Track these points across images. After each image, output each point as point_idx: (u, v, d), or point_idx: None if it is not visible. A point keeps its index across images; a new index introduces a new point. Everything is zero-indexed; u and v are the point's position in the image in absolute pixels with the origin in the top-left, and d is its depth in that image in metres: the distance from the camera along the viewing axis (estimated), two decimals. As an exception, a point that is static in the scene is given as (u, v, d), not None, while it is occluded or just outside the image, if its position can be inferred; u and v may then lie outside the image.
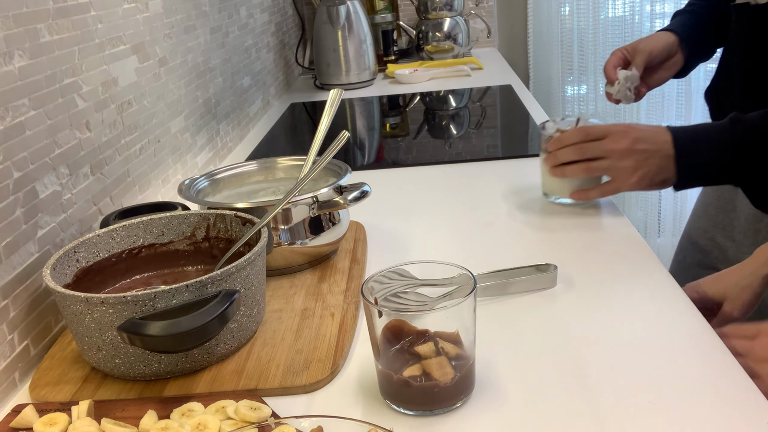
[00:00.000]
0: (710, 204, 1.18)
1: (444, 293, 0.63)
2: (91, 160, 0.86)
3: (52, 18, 0.79)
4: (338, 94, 0.90)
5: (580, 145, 0.92)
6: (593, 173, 0.93)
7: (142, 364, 0.63)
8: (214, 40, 1.38)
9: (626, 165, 0.89)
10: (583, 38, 2.41)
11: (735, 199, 1.12)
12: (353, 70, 1.98)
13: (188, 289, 0.61)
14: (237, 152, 1.46)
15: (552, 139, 0.95)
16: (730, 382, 0.60)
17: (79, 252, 0.72)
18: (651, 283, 0.78)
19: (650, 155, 0.89)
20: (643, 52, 1.12)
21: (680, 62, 1.17)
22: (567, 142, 0.93)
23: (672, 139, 0.89)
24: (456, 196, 1.08)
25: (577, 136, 0.93)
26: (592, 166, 0.92)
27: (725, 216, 1.14)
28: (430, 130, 1.55)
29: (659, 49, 1.13)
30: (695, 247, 1.19)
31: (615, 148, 0.90)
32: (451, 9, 2.21)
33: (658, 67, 1.16)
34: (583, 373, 0.62)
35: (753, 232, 1.05)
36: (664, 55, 1.14)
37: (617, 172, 0.90)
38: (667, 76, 1.18)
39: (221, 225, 0.79)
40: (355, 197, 0.81)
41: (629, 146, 0.89)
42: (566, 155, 0.93)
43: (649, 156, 0.89)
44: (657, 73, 1.17)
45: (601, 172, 0.93)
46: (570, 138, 0.93)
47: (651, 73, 1.16)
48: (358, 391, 0.62)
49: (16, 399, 0.67)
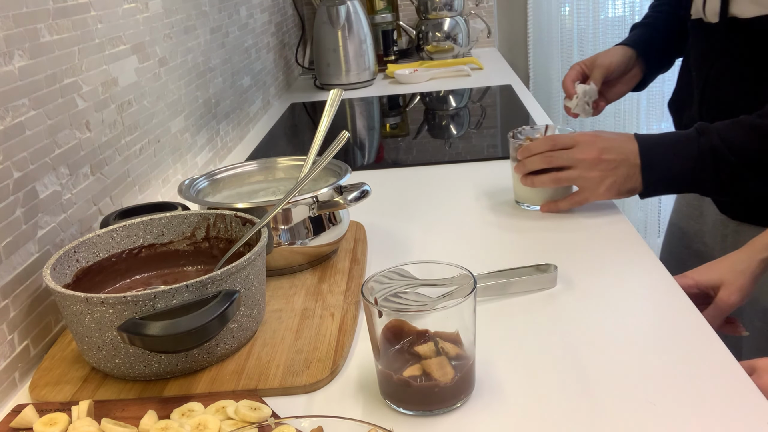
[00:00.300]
0: (681, 211, 1.21)
1: (444, 293, 0.63)
2: (91, 160, 0.86)
3: (52, 18, 0.79)
4: (338, 94, 0.90)
5: (548, 154, 0.93)
6: (562, 183, 0.94)
7: (142, 364, 0.63)
8: (214, 40, 1.38)
9: (594, 175, 0.90)
10: (583, 38, 2.42)
11: (702, 206, 1.14)
12: (353, 70, 1.98)
13: (188, 289, 0.61)
14: (237, 152, 1.46)
15: (521, 147, 0.96)
16: (730, 382, 0.60)
17: (79, 252, 0.72)
18: (651, 283, 0.78)
19: (618, 164, 0.90)
20: (601, 66, 1.15)
21: (638, 75, 1.19)
22: (535, 151, 0.94)
23: (638, 149, 0.90)
24: (456, 196, 1.08)
25: (545, 144, 0.94)
26: (560, 177, 0.93)
27: (695, 222, 1.16)
28: (430, 130, 1.55)
29: (617, 63, 1.15)
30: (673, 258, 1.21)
31: (583, 157, 0.91)
32: (451, 9, 2.21)
33: (617, 81, 1.18)
34: (583, 372, 0.62)
35: (721, 238, 1.07)
36: (622, 68, 1.16)
37: (586, 182, 0.91)
38: (626, 90, 1.20)
39: (221, 225, 0.79)
40: (355, 197, 0.81)
41: (597, 156, 0.90)
42: (534, 164, 0.94)
43: (616, 165, 0.90)
44: (615, 87, 1.19)
45: (570, 182, 0.94)
46: (538, 147, 0.94)
47: (610, 87, 1.18)
48: (358, 391, 0.62)
49: (16, 399, 0.67)
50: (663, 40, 1.18)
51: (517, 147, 0.97)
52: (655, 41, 1.18)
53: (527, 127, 1.04)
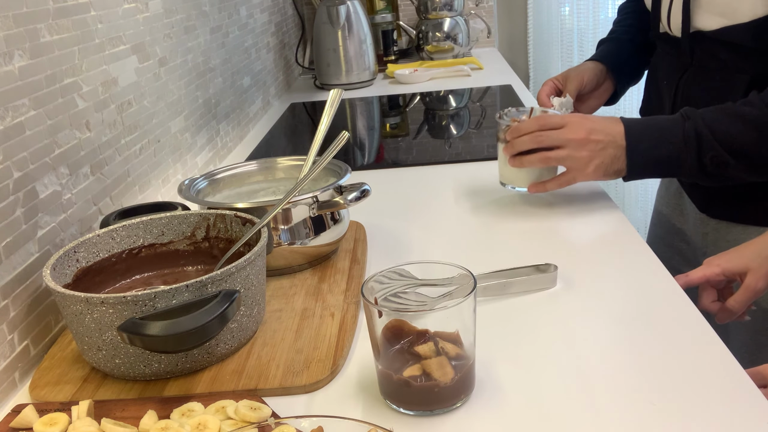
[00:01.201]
0: (662, 212, 1.22)
1: (444, 293, 0.63)
2: (91, 160, 0.86)
3: (52, 18, 0.79)
4: (338, 94, 0.90)
5: (537, 134, 0.94)
6: (551, 163, 0.95)
7: (142, 364, 0.63)
8: (214, 40, 1.38)
9: (583, 155, 0.91)
10: (583, 38, 2.41)
11: (682, 204, 1.15)
12: (353, 70, 1.98)
13: (188, 289, 0.61)
14: (237, 152, 1.46)
15: (509, 128, 0.97)
16: (731, 382, 0.60)
17: (79, 252, 0.72)
18: (651, 283, 0.78)
19: (605, 145, 0.91)
20: (575, 79, 1.16)
21: (610, 89, 1.21)
22: (524, 131, 0.95)
23: (624, 130, 0.91)
24: (456, 196, 1.08)
25: (535, 125, 0.94)
26: (549, 156, 0.93)
27: (676, 220, 1.17)
28: (430, 130, 1.55)
29: (589, 77, 1.17)
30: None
31: (572, 137, 0.91)
32: (451, 9, 2.21)
33: (589, 95, 1.20)
34: (583, 372, 0.62)
35: (701, 236, 1.08)
36: (594, 82, 1.18)
37: (574, 162, 0.92)
38: (599, 104, 1.22)
39: (221, 225, 0.79)
40: (355, 197, 0.81)
41: (585, 136, 0.91)
42: (524, 144, 0.95)
43: (604, 146, 0.91)
44: (588, 102, 1.21)
45: (558, 162, 0.94)
46: (527, 127, 0.95)
47: (583, 102, 1.20)
48: (358, 391, 0.62)
49: (16, 399, 0.67)
50: (631, 53, 1.20)
51: (505, 128, 0.98)
52: (623, 55, 1.21)
53: (513, 109, 1.04)
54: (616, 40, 1.23)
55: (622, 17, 1.26)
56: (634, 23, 1.21)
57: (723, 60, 0.94)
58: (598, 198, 1.01)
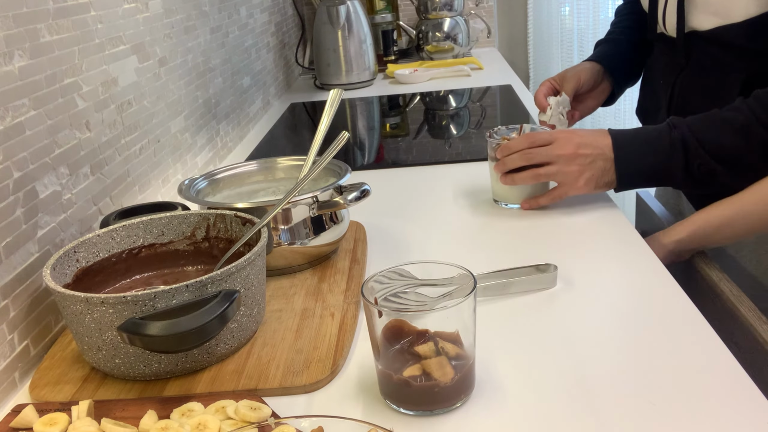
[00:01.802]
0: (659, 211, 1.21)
1: (444, 293, 0.63)
2: (91, 160, 0.86)
3: (52, 18, 0.79)
4: (338, 94, 0.90)
5: (527, 151, 0.95)
6: (541, 179, 0.96)
7: (142, 364, 0.63)
8: (214, 40, 1.38)
9: (573, 169, 0.93)
10: (583, 38, 2.41)
11: (680, 204, 1.16)
12: (353, 70, 1.98)
13: (188, 289, 0.61)
14: (237, 152, 1.46)
15: (499, 146, 0.97)
16: (731, 382, 0.60)
17: (79, 252, 0.72)
18: (651, 283, 0.78)
19: (594, 159, 0.92)
20: (572, 79, 1.17)
21: (607, 90, 1.22)
22: (514, 149, 0.96)
23: (611, 143, 0.92)
24: (456, 196, 1.08)
25: (524, 142, 0.95)
26: (539, 173, 0.95)
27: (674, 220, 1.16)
28: (430, 130, 1.55)
29: (586, 77, 1.18)
30: None
31: (561, 153, 0.93)
32: (451, 9, 2.21)
33: (587, 95, 1.20)
34: (583, 373, 0.62)
35: None
36: (591, 82, 1.19)
37: (564, 176, 0.93)
38: (596, 105, 1.23)
39: (221, 225, 0.79)
40: (355, 197, 0.81)
41: (574, 151, 0.92)
42: (514, 162, 0.96)
43: (593, 160, 0.92)
44: (585, 102, 1.21)
45: (549, 178, 0.96)
46: (517, 145, 0.96)
47: (580, 102, 1.21)
48: (358, 391, 0.62)
49: (16, 399, 0.67)
50: (628, 53, 1.21)
51: (495, 146, 0.99)
52: (620, 55, 1.21)
53: (502, 127, 1.05)
54: (613, 41, 1.24)
55: (619, 19, 1.27)
56: (631, 24, 1.22)
57: (718, 59, 0.95)
58: (597, 198, 1.01)
